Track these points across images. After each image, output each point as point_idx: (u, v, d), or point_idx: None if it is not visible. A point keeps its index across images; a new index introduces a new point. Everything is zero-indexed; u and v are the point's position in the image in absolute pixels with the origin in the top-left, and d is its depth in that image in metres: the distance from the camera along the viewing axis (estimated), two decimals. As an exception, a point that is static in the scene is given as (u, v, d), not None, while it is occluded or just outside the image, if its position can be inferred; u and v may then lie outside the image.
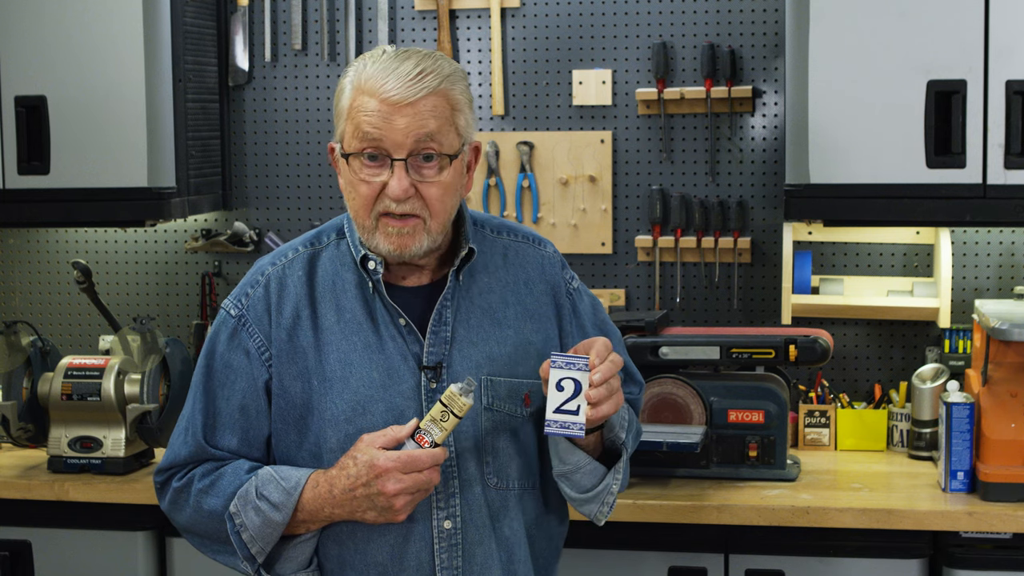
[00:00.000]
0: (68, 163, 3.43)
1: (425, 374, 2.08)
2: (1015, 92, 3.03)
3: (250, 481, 2.07)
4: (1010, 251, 3.53)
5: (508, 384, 2.12)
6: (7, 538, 3.29)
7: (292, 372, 2.09)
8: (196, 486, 2.11)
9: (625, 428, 2.14)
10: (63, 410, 3.34)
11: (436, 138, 2.01)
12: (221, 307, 2.16)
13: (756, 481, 3.14)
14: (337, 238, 2.16)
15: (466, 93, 2.07)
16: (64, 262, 3.94)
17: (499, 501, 2.12)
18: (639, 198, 3.68)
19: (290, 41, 3.81)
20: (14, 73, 3.44)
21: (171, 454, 2.16)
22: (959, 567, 2.94)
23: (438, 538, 2.08)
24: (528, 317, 2.17)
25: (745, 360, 3.18)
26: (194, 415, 2.14)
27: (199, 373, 2.16)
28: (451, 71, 2.04)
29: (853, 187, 3.12)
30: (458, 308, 2.12)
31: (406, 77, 1.99)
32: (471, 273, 2.15)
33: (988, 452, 2.98)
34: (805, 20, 3.13)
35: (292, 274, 2.13)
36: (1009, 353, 3.08)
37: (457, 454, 2.09)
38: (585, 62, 3.69)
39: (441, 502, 2.08)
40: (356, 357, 2.08)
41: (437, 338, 2.09)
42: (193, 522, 2.14)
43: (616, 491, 2.14)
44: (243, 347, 2.12)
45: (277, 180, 3.85)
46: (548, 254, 2.25)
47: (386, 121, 1.99)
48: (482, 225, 2.21)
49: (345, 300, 2.11)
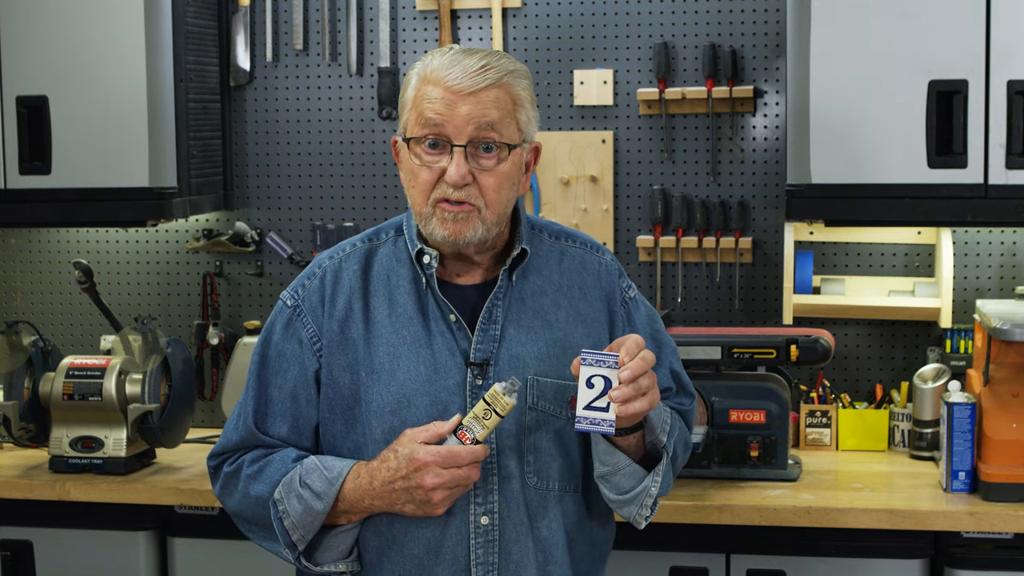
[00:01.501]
0: (70, 163, 3.43)
1: (471, 370, 2.10)
2: (1016, 92, 3.03)
3: (295, 469, 2.10)
4: (1011, 251, 3.52)
5: (554, 385, 2.13)
6: (9, 538, 3.29)
7: (342, 363, 2.12)
8: (245, 472, 2.15)
9: (667, 432, 2.13)
10: (64, 410, 3.35)
11: (497, 128, 2.04)
12: (279, 298, 2.20)
13: (757, 481, 3.14)
14: (395, 235, 2.20)
15: (529, 91, 2.11)
16: (65, 262, 3.94)
17: (538, 500, 2.13)
18: (640, 198, 3.68)
19: (291, 41, 3.81)
20: (16, 73, 3.44)
21: (224, 439, 2.20)
22: (960, 567, 2.94)
23: (474, 533, 2.09)
24: (580, 321, 2.18)
25: (746, 360, 3.18)
26: (246, 402, 2.18)
27: (254, 362, 2.20)
28: (515, 68, 2.09)
29: (854, 187, 3.12)
30: (509, 307, 2.14)
31: (470, 68, 2.04)
32: (524, 274, 2.17)
33: (989, 452, 2.98)
34: (807, 20, 3.12)
35: (348, 268, 2.17)
36: (1010, 353, 3.08)
37: (498, 451, 2.10)
38: (587, 62, 3.69)
39: (479, 498, 2.09)
40: (404, 350, 2.10)
41: (486, 335, 2.11)
42: (241, 507, 2.17)
43: (655, 494, 2.13)
44: (296, 336, 2.16)
45: (279, 180, 3.85)
46: (606, 261, 2.26)
47: (449, 108, 2.03)
48: (540, 229, 2.23)
49: (398, 294, 2.14)
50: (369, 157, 3.80)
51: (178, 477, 3.29)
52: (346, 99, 3.80)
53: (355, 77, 3.80)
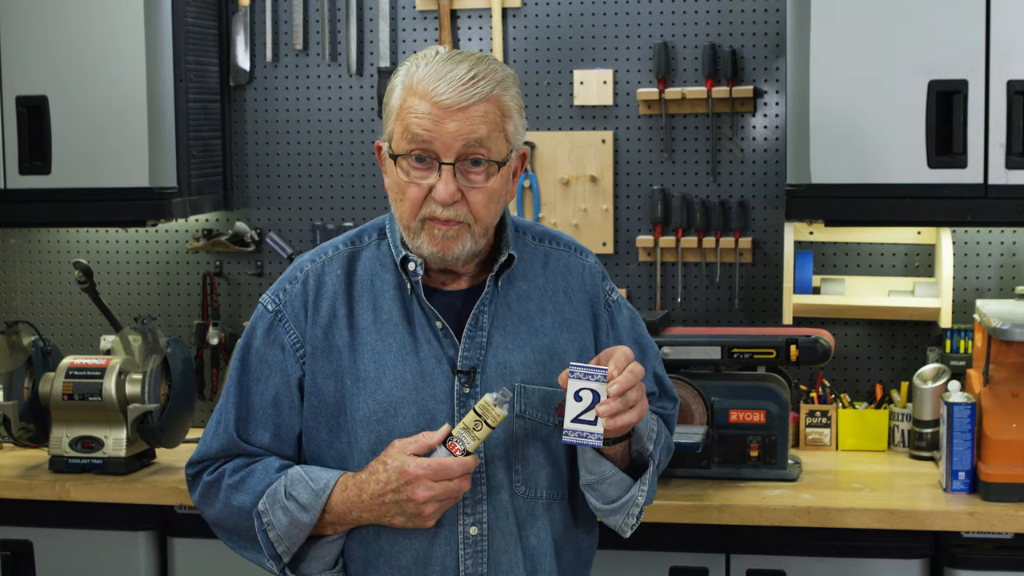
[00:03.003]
0: (69, 163, 3.43)
1: (459, 378, 2.07)
2: (1016, 92, 3.03)
3: (279, 480, 2.06)
4: (1011, 251, 3.52)
5: (541, 392, 2.11)
6: (8, 538, 3.29)
7: (326, 370, 2.09)
8: (226, 481, 2.11)
9: (653, 440, 2.12)
10: (64, 410, 3.35)
11: (485, 144, 2.00)
12: (259, 302, 2.16)
13: (757, 481, 3.14)
14: (379, 238, 2.16)
15: (517, 99, 2.05)
16: (65, 262, 3.94)
17: (526, 509, 2.11)
18: (640, 198, 3.68)
19: (291, 41, 3.81)
20: (16, 73, 3.44)
21: (203, 447, 2.15)
22: (960, 567, 2.94)
23: (463, 544, 2.07)
24: (565, 326, 2.16)
25: (746, 360, 3.18)
26: (227, 409, 2.14)
27: (234, 368, 2.15)
28: (503, 76, 2.03)
29: (854, 187, 3.12)
30: (495, 314, 2.11)
31: (458, 81, 1.97)
32: (510, 279, 2.14)
33: (989, 452, 2.98)
34: (806, 20, 3.13)
35: (331, 272, 2.13)
36: (1010, 353, 3.08)
37: (486, 460, 2.08)
38: (586, 62, 3.69)
39: (468, 508, 2.08)
40: (390, 358, 2.07)
41: (472, 343, 2.09)
42: (222, 517, 2.14)
43: (642, 503, 2.12)
44: (279, 342, 2.11)
45: (278, 180, 3.85)
46: (589, 264, 2.24)
47: (436, 124, 1.98)
48: (524, 232, 2.20)
49: (383, 300, 2.10)
50: (369, 157, 3.80)
51: (178, 477, 3.29)
52: (346, 99, 3.80)
53: (355, 77, 3.80)
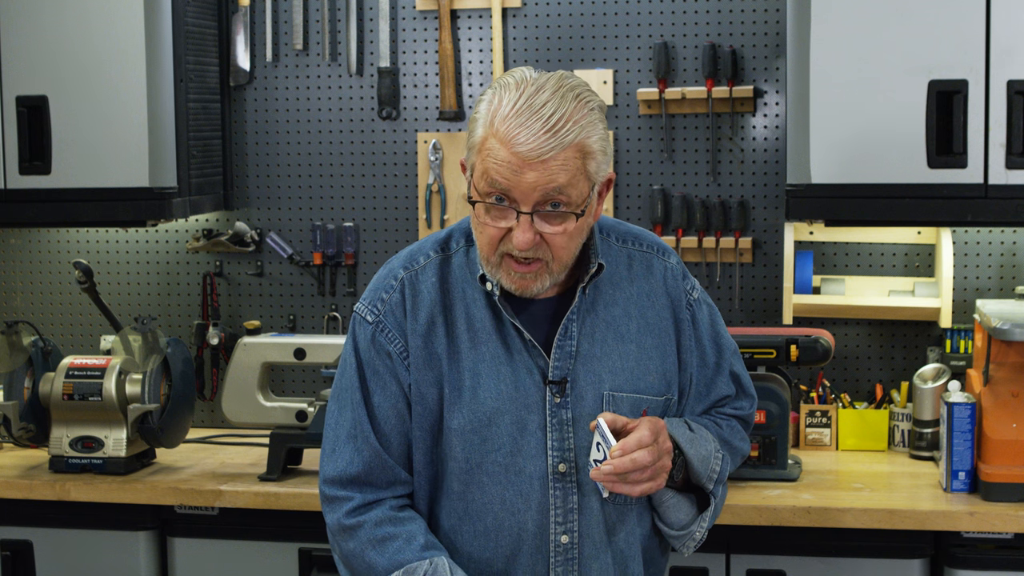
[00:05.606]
0: (69, 163, 3.43)
1: (550, 388, 2.08)
2: (1016, 92, 3.03)
3: (423, 564, 2.04)
4: (1011, 251, 3.52)
5: (630, 400, 2.12)
6: (9, 538, 3.29)
7: (428, 379, 2.09)
8: (367, 533, 2.08)
9: (714, 480, 2.15)
10: (64, 410, 3.34)
11: (565, 191, 1.97)
12: (355, 313, 2.14)
13: (757, 481, 3.14)
14: (467, 244, 2.14)
15: (601, 136, 2.00)
16: (65, 262, 3.94)
17: (616, 515, 2.13)
18: (640, 198, 3.68)
19: (291, 41, 3.81)
20: (15, 73, 3.44)
21: (342, 465, 2.11)
22: (960, 567, 2.93)
23: (554, 552, 2.09)
24: (649, 331, 2.16)
25: (746, 360, 3.17)
26: (359, 422, 2.10)
27: (349, 383, 2.12)
28: (588, 118, 1.98)
29: (854, 187, 3.12)
30: (583, 322, 2.12)
31: (540, 131, 1.94)
32: (596, 286, 2.14)
33: (989, 452, 2.97)
34: (806, 20, 3.12)
35: (425, 280, 2.12)
36: (1010, 353, 3.08)
37: (577, 469, 2.09)
38: (586, 62, 3.69)
39: (559, 517, 2.09)
40: (484, 368, 2.08)
41: (562, 352, 2.09)
42: (352, 561, 2.11)
43: (699, 537, 2.18)
44: (385, 351, 2.10)
45: (278, 180, 3.85)
46: (671, 265, 2.23)
47: (515, 174, 1.95)
48: (608, 233, 2.20)
49: (475, 309, 2.10)
50: (369, 157, 3.80)
51: (178, 477, 3.29)
52: (346, 99, 3.80)
53: (355, 77, 3.80)
